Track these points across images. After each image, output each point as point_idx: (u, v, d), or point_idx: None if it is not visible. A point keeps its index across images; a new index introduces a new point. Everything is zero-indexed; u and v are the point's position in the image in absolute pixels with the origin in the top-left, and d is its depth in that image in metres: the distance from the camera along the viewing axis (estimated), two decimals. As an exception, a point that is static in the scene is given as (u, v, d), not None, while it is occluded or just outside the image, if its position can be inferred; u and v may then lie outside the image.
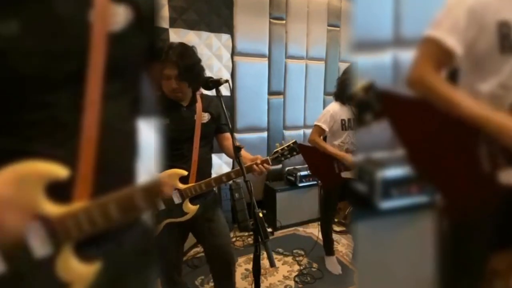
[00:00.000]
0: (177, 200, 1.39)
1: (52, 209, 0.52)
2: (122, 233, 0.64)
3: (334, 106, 2.24)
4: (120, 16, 0.59)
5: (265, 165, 1.40)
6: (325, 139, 2.32)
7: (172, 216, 1.41)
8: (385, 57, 1.39)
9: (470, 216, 0.97)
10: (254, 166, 1.39)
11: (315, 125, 2.25)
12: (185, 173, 1.36)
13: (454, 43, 0.89)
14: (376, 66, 1.38)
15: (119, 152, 0.61)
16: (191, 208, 1.42)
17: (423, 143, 1.01)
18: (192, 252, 2.52)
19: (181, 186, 1.38)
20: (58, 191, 0.52)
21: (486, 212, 0.94)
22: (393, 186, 1.24)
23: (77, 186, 0.54)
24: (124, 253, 0.64)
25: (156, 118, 0.69)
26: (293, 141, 1.47)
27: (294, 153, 1.46)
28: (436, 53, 0.91)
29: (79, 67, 0.54)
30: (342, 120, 2.19)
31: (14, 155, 0.49)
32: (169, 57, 1.34)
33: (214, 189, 1.60)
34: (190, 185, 1.40)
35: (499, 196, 0.90)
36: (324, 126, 2.20)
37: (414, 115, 1.00)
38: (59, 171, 0.51)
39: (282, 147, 1.46)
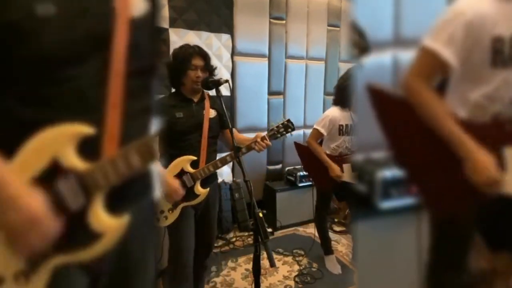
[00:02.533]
0: (188, 183, 1.52)
1: (83, 164, 0.58)
2: (140, 198, 0.70)
3: (334, 111, 2.25)
4: (140, 4, 0.66)
5: (265, 141, 1.56)
6: (321, 140, 2.34)
7: (186, 200, 1.53)
8: (385, 57, 1.39)
9: (450, 215, 1.00)
10: (252, 145, 1.55)
11: (314, 128, 2.27)
12: (194, 158, 1.53)
13: (450, 56, 0.91)
14: (376, 66, 1.38)
15: (136, 127, 0.66)
16: (201, 191, 1.55)
17: (407, 142, 1.04)
18: (192, 252, 2.52)
19: (192, 170, 1.53)
20: (89, 151, 0.58)
21: (466, 213, 0.97)
22: (393, 186, 1.24)
23: (105, 144, 0.59)
24: (141, 217, 0.70)
25: (157, 115, 0.74)
26: (287, 119, 1.65)
27: (289, 129, 1.64)
28: (431, 64, 0.95)
29: (105, 46, 0.60)
30: (340, 125, 2.21)
31: (44, 124, 0.55)
32: (196, 51, 1.55)
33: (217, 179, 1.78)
34: (199, 168, 1.54)
35: (478, 198, 0.92)
36: (323, 131, 2.22)
37: (401, 114, 1.03)
38: (85, 129, 0.57)
39: (277, 124, 1.65)
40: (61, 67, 0.57)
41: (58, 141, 0.56)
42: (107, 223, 0.60)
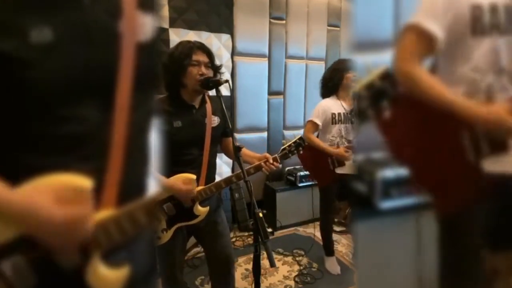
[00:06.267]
0: (187, 204, 1.38)
1: None
2: (134, 242, 0.63)
3: (324, 101, 2.29)
4: (147, 27, 0.58)
5: (275, 163, 1.44)
6: (317, 135, 2.35)
7: (182, 220, 1.40)
8: (385, 57, 1.39)
9: (459, 209, 0.97)
10: (262, 164, 1.42)
11: (308, 121, 2.28)
12: (194, 177, 1.33)
13: (433, 27, 0.89)
14: (376, 66, 1.38)
15: (135, 165, 0.60)
16: (201, 211, 1.41)
17: (406, 138, 1.03)
18: (192, 252, 2.52)
19: None
20: None
21: (475, 203, 0.94)
22: (393, 186, 1.24)
23: (105, 193, 0.53)
24: (137, 262, 0.63)
25: (158, 120, 0.68)
26: (299, 136, 1.54)
27: (300, 148, 1.52)
28: (417, 41, 0.92)
29: (109, 78, 0.53)
30: (332, 113, 2.22)
31: (46, 169, 0.48)
32: (197, 45, 1.35)
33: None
34: (200, 188, 1.38)
35: (486, 185, 0.91)
36: (317, 121, 2.23)
37: (395, 111, 1.01)
38: (83, 182, 0.49)
39: (289, 143, 1.52)
40: (59, 104, 0.49)
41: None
42: (108, 278, 0.54)
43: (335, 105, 2.24)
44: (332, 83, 2.26)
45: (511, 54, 0.89)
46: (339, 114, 2.22)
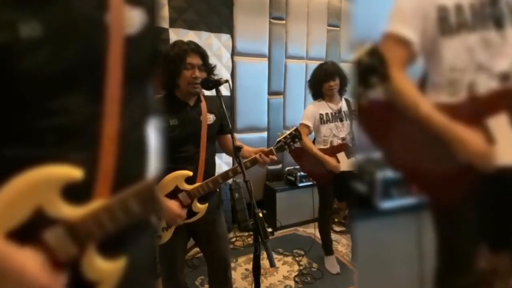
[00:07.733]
0: (185, 202, 1.38)
1: (72, 211, 0.51)
2: (135, 237, 0.63)
3: (312, 105, 2.36)
4: (135, 20, 0.59)
5: (270, 156, 1.45)
6: (313, 142, 2.39)
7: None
8: (385, 57, 1.39)
9: (450, 207, 0.99)
10: (258, 157, 1.43)
11: (300, 125, 2.32)
12: (190, 173, 1.35)
13: (406, 31, 0.91)
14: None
15: (131, 158, 0.60)
16: (200, 208, 1.41)
17: (396, 138, 1.04)
18: (192, 252, 2.52)
19: (188, 187, 1.37)
20: (78, 191, 0.51)
21: (466, 201, 0.95)
22: (393, 186, 1.24)
23: (98, 185, 0.53)
24: (137, 257, 0.63)
25: (157, 118, 0.68)
26: (295, 128, 1.53)
27: (297, 139, 1.51)
28: (394, 48, 0.93)
29: (97, 71, 0.54)
30: (320, 114, 2.28)
31: (33, 161, 0.48)
32: (191, 48, 1.38)
33: (217, 190, 1.61)
34: (197, 184, 1.39)
35: (476, 182, 0.91)
36: (308, 123, 2.28)
37: (384, 113, 1.02)
38: (73, 172, 0.50)
39: (284, 135, 1.52)
40: (50, 96, 0.50)
41: (41, 188, 0.49)
42: (103, 269, 0.54)
43: (321, 107, 2.31)
44: (314, 89, 2.35)
45: (486, 49, 0.90)
46: (326, 114, 2.29)
